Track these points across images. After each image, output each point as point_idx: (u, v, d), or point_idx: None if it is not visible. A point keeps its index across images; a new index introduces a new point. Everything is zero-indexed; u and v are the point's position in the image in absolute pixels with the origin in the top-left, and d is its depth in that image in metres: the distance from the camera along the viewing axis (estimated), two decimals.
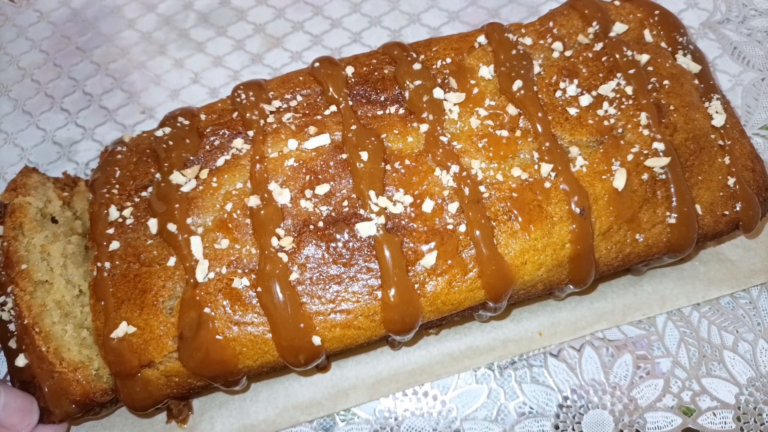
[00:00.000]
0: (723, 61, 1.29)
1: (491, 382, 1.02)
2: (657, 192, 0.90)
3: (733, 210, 0.95)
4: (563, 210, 0.86)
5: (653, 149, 0.90)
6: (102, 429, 0.98)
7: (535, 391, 1.01)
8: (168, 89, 1.37)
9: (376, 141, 0.89)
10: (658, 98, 0.95)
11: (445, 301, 0.85)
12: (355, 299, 0.83)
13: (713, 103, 0.99)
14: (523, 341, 1.02)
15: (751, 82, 1.26)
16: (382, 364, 1.02)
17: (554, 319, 1.04)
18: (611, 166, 0.89)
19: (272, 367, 0.87)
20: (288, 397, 1.00)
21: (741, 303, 1.06)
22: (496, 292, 0.86)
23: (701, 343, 1.03)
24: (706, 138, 0.95)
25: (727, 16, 1.35)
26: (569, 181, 0.87)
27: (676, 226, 0.90)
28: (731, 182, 0.95)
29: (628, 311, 1.04)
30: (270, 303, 0.82)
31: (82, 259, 0.96)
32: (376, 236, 0.84)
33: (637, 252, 0.91)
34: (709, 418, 0.98)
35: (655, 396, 0.99)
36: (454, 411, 1.00)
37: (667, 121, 0.93)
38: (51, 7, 1.52)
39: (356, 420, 1.00)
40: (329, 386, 1.01)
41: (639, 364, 1.02)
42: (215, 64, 1.40)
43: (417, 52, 1.00)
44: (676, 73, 0.98)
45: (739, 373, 1.01)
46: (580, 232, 0.86)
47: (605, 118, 0.92)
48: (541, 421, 0.99)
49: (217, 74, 1.39)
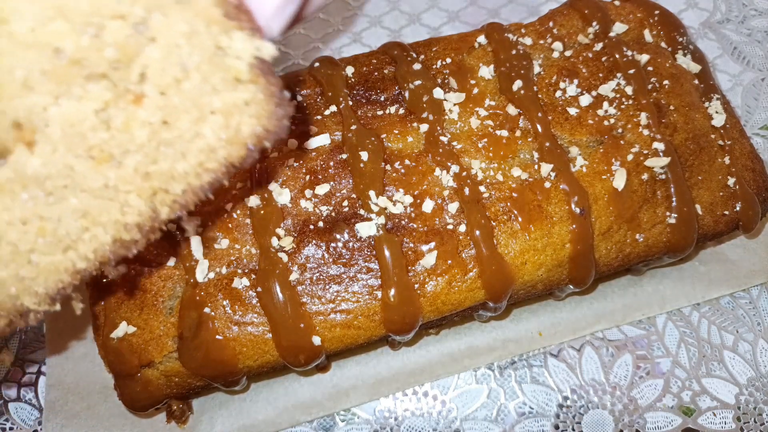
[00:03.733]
0: (723, 61, 1.29)
1: (491, 382, 1.02)
2: (657, 192, 0.90)
3: (733, 210, 0.95)
4: (563, 210, 0.86)
5: (653, 149, 0.90)
6: (103, 430, 0.98)
7: (535, 391, 1.01)
8: None
9: (376, 141, 0.89)
10: (658, 98, 0.95)
11: (445, 301, 0.85)
12: (355, 299, 0.83)
13: (713, 103, 0.99)
14: (523, 341, 1.02)
15: (751, 82, 1.26)
16: (382, 364, 1.02)
17: (554, 319, 1.04)
18: (611, 166, 0.89)
19: (272, 367, 0.87)
20: (288, 397, 1.00)
21: (741, 303, 1.06)
22: (496, 292, 0.86)
23: (701, 343, 1.03)
24: (706, 138, 0.95)
25: (727, 16, 1.35)
26: (569, 181, 0.87)
27: (676, 226, 0.90)
28: (731, 182, 0.95)
29: (628, 311, 1.04)
30: (270, 303, 0.82)
31: None
32: (376, 236, 0.84)
33: (637, 252, 0.91)
34: (709, 418, 0.98)
35: (655, 396, 0.99)
36: (454, 411, 1.00)
37: (667, 121, 0.93)
38: None
39: (356, 420, 1.00)
40: (329, 386, 1.01)
41: (639, 364, 1.02)
42: None
43: (417, 52, 1.00)
44: (676, 73, 0.98)
45: (739, 373, 1.01)
46: (580, 232, 0.86)
47: (605, 118, 0.92)
48: (541, 421, 0.99)
49: None
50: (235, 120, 0.55)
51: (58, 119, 0.50)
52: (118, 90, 0.52)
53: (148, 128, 0.53)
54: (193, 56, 0.52)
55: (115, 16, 0.49)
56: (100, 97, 0.51)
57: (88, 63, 0.50)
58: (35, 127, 0.51)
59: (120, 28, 0.49)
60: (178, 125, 0.54)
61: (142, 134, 0.53)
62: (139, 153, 0.54)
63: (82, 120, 0.51)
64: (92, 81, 0.51)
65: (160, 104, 0.53)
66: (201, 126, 0.54)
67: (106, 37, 0.49)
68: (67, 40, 0.49)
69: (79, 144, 0.52)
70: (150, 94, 0.52)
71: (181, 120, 0.54)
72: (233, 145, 0.56)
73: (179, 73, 0.52)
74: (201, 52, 0.52)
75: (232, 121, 0.55)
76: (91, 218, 0.55)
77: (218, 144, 0.55)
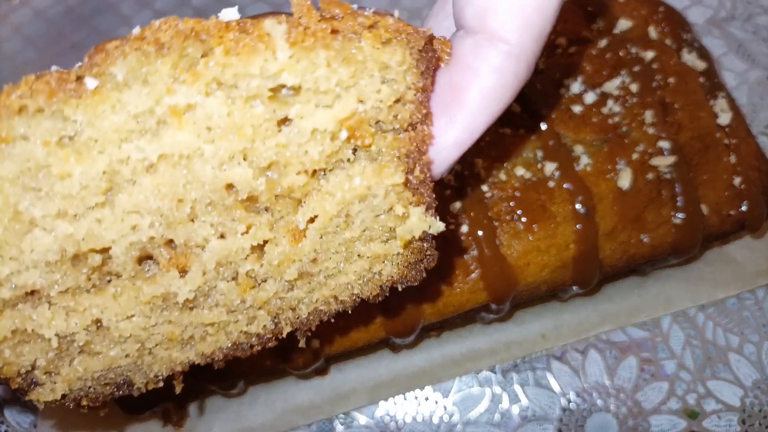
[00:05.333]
0: (728, 58, 1.28)
1: (494, 386, 1.01)
2: (662, 191, 0.89)
3: (738, 210, 0.94)
4: (567, 210, 0.85)
5: (658, 148, 0.89)
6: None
7: (539, 394, 1.00)
8: None
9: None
10: (662, 96, 0.94)
11: (446, 303, 0.84)
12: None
13: (718, 101, 0.98)
14: (526, 343, 1.01)
15: (757, 80, 1.25)
16: (382, 367, 1.00)
17: (558, 321, 1.02)
18: (616, 165, 0.88)
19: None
20: (286, 401, 0.98)
21: (747, 304, 1.05)
22: (498, 294, 0.84)
23: (706, 344, 1.02)
24: (712, 136, 0.94)
25: (732, 14, 1.34)
26: (573, 181, 0.86)
27: (682, 226, 0.89)
28: (737, 181, 0.93)
29: (633, 312, 1.03)
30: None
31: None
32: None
33: (642, 252, 0.90)
34: (714, 421, 0.97)
35: (660, 399, 0.98)
36: (456, 415, 0.99)
37: (672, 120, 0.92)
38: (46, 4, 1.50)
39: (355, 424, 0.99)
40: (328, 389, 0.99)
41: (643, 366, 1.01)
42: None
43: None
44: (681, 70, 0.97)
45: (744, 376, 1.00)
46: (585, 233, 0.85)
47: (609, 116, 0.90)
48: (544, 425, 0.97)
49: None
50: (379, 267, 0.57)
51: (216, 250, 0.52)
52: (278, 229, 0.54)
53: (298, 265, 0.55)
54: (362, 213, 0.54)
55: (300, 171, 0.51)
56: (261, 236, 0.53)
57: (257, 202, 0.52)
58: (191, 254, 0.53)
59: (300, 179, 0.51)
60: (325, 264, 0.56)
61: (292, 271, 0.55)
62: (280, 283, 0.56)
63: (239, 254, 0.53)
64: (254, 213, 0.53)
65: (316, 246, 0.55)
66: (346, 266, 0.57)
67: (284, 183, 0.51)
68: (244, 183, 0.50)
69: (227, 271, 0.54)
70: (310, 237, 0.54)
71: (329, 260, 0.56)
72: (368, 285, 0.59)
73: (343, 222, 0.54)
74: (372, 213, 0.54)
75: (376, 267, 0.57)
76: (218, 327, 0.58)
77: (356, 282, 0.58)
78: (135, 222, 0.50)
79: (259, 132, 0.49)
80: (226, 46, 0.46)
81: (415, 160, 0.54)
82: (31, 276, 0.50)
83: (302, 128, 0.50)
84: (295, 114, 0.50)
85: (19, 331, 0.53)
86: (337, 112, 0.50)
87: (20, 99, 0.45)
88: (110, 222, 0.49)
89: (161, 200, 0.50)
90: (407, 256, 0.57)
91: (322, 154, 0.51)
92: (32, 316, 0.52)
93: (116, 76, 0.46)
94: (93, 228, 0.49)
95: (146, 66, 0.46)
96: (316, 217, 0.53)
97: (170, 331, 0.56)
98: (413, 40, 0.50)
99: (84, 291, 0.53)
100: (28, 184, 0.47)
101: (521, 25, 0.50)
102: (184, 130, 0.48)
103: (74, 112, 0.46)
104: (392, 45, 0.49)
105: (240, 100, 0.48)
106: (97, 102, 0.46)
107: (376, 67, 0.49)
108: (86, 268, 0.51)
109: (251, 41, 0.46)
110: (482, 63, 0.51)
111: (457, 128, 0.53)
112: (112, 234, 0.50)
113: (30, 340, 0.54)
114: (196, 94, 0.47)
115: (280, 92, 0.50)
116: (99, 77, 0.46)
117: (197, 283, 0.53)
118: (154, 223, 0.50)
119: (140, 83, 0.46)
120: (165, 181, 0.49)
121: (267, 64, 0.47)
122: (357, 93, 0.50)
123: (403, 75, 0.51)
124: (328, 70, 0.48)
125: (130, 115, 0.47)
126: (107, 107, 0.46)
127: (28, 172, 0.47)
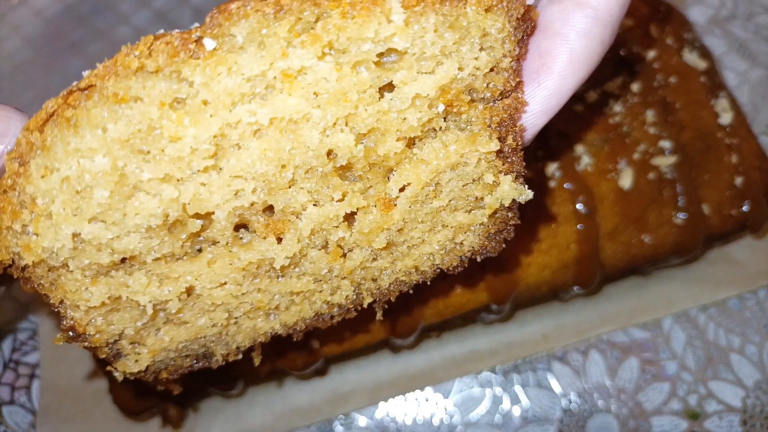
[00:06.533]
0: (729, 58, 1.27)
1: (494, 387, 1.00)
2: (663, 191, 0.88)
3: (740, 210, 0.93)
4: (568, 210, 0.85)
5: (659, 148, 0.88)
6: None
7: (539, 395, 0.99)
8: None
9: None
10: (664, 95, 0.93)
11: (447, 304, 0.83)
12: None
13: (720, 100, 0.97)
14: (527, 344, 1.01)
15: (758, 79, 1.25)
16: (382, 368, 1.00)
17: (559, 322, 1.02)
18: (617, 164, 0.87)
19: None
20: (286, 402, 0.98)
21: (748, 305, 1.05)
22: (499, 295, 0.84)
23: (708, 345, 1.02)
24: (713, 136, 0.94)
25: (733, 13, 1.33)
26: (574, 180, 0.85)
27: (683, 226, 0.89)
28: (738, 181, 0.93)
29: (634, 313, 1.02)
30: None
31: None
32: None
33: (643, 253, 0.90)
34: (715, 421, 0.96)
35: (661, 400, 0.98)
36: (456, 416, 0.98)
37: (673, 119, 0.92)
38: (45, 3, 1.50)
39: (355, 425, 0.98)
40: (328, 391, 0.99)
41: (645, 367, 1.00)
42: None
43: None
44: (682, 70, 0.97)
45: (745, 376, 0.99)
46: (586, 233, 0.85)
47: (611, 116, 0.90)
48: (545, 426, 0.97)
49: None
50: (462, 237, 0.58)
51: (312, 217, 0.53)
52: (370, 197, 0.54)
53: (386, 234, 0.55)
54: (452, 182, 0.54)
55: (399, 138, 0.51)
56: (355, 203, 0.53)
57: (352, 169, 0.52)
58: (287, 221, 0.53)
59: (398, 146, 0.51)
60: (411, 234, 0.57)
61: (381, 240, 0.55)
62: (366, 252, 0.57)
63: (332, 221, 0.53)
64: (348, 181, 0.53)
65: (405, 215, 0.55)
66: (429, 236, 0.57)
67: (380, 149, 0.51)
68: (345, 150, 0.50)
69: (318, 239, 0.54)
70: (401, 206, 0.54)
71: (415, 230, 0.56)
72: (449, 255, 0.59)
73: (432, 192, 0.55)
74: (461, 181, 0.54)
75: (459, 237, 0.58)
76: (303, 296, 0.58)
77: (437, 252, 0.58)
78: (239, 186, 0.49)
79: (363, 98, 0.49)
80: (343, 9, 0.46)
81: (508, 128, 0.53)
82: (131, 241, 0.49)
83: (404, 94, 0.50)
84: (400, 80, 0.49)
85: (113, 298, 0.52)
86: (438, 79, 0.50)
87: (138, 59, 0.44)
88: (216, 186, 0.49)
89: (267, 165, 0.49)
90: (489, 227, 0.57)
91: (420, 121, 0.51)
92: (128, 282, 0.52)
93: (236, 38, 0.45)
94: (199, 192, 0.49)
95: (265, 28, 0.46)
96: (407, 186, 0.53)
97: (259, 300, 0.56)
98: (513, 8, 0.50)
99: (177, 258, 0.53)
100: (137, 146, 0.47)
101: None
102: (295, 94, 0.48)
103: (192, 73, 0.45)
104: (494, 12, 0.49)
105: (347, 65, 0.48)
106: (216, 63, 0.45)
107: (477, 34, 0.50)
108: (184, 234, 0.51)
109: (367, 4, 0.46)
110: (570, 29, 0.51)
111: (544, 94, 0.53)
112: (217, 199, 0.49)
113: (121, 309, 0.53)
114: (311, 57, 0.47)
115: (384, 58, 0.50)
116: (217, 38, 0.45)
117: (293, 250, 0.53)
118: (257, 189, 0.50)
119: (256, 46, 0.46)
120: (272, 145, 0.49)
121: (381, 28, 0.47)
122: (458, 59, 0.50)
123: (501, 42, 0.51)
124: (435, 35, 0.48)
125: (244, 78, 0.46)
126: (224, 69, 0.46)
127: (138, 134, 0.46)
